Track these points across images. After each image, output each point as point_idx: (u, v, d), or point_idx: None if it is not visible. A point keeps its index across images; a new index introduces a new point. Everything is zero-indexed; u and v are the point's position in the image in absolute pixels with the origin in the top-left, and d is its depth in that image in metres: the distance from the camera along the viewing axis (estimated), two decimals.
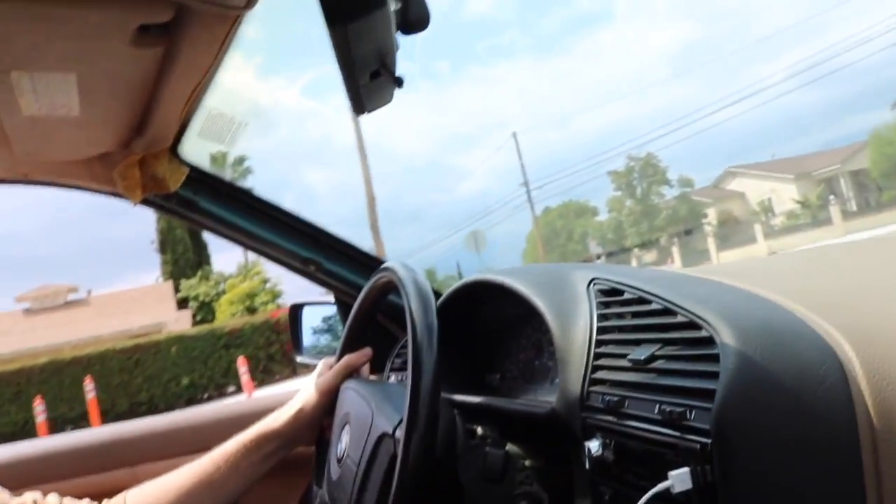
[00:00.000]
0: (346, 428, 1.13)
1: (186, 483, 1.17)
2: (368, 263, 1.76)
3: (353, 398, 1.15)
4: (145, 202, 1.57)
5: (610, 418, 0.89)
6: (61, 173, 1.52)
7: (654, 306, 0.89)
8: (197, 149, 1.53)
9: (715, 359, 0.73)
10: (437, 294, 1.43)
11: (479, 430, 1.17)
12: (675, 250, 35.78)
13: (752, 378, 0.68)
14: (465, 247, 23.17)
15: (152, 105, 1.22)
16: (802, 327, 0.75)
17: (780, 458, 0.66)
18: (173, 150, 1.49)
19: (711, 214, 41.77)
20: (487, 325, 1.44)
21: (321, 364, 1.32)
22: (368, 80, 0.63)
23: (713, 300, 0.82)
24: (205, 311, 32.75)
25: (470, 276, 1.34)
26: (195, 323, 29.87)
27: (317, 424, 1.27)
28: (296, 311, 2.00)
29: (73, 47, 0.95)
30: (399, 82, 0.63)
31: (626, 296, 0.97)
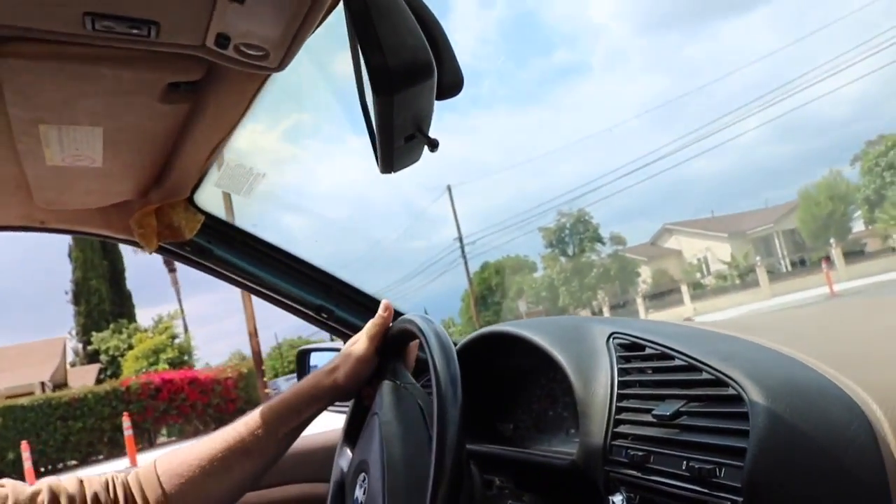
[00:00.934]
0: (364, 477, 1.12)
1: (219, 449, 1.11)
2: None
3: (375, 439, 1.13)
4: (160, 249, 1.58)
5: (634, 473, 0.89)
6: (78, 221, 1.53)
7: (677, 362, 0.90)
8: (212, 196, 1.55)
9: (744, 417, 0.73)
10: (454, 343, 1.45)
11: (497, 480, 1.16)
12: (606, 311, 35.19)
13: (782, 437, 0.69)
14: None
15: (174, 157, 1.23)
16: (828, 385, 0.75)
17: None
18: (190, 199, 1.50)
19: (645, 272, 41.05)
20: (500, 375, 1.44)
21: (367, 331, 1.21)
22: (403, 142, 0.64)
23: (738, 357, 0.83)
24: (115, 366, 31.50)
25: (487, 328, 1.34)
26: (98, 381, 27.74)
27: (356, 390, 1.21)
28: (303, 356, 2.01)
29: (102, 103, 0.97)
30: (434, 145, 0.65)
31: (648, 351, 0.97)
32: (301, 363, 1.99)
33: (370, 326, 1.21)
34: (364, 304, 1.78)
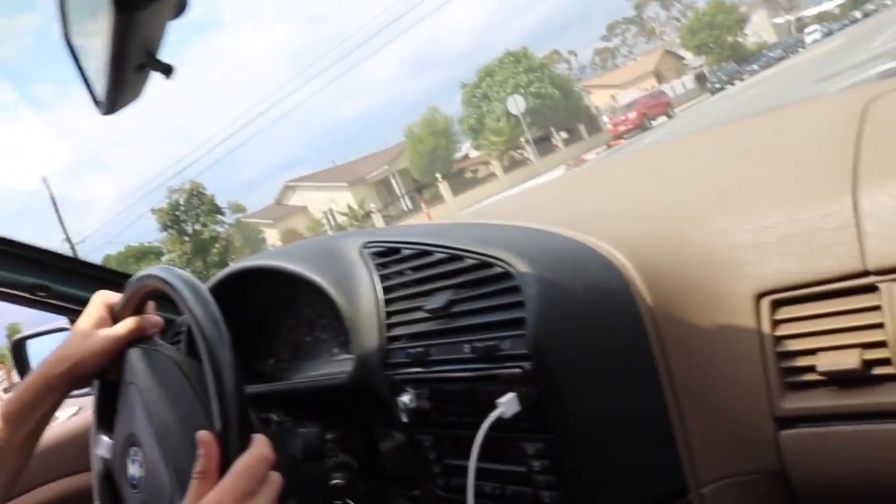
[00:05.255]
0: (135, 451, 1.04)
1: None
2: (107, 278, 1.61)
3: (138, 409, 1.05)
4: None
5: (417, 369, 0.92)
6: None
7: (437, 256, 0.94)
8: None
9: (515, 289, 0.79)
10: None
11: (275, 416, 1.14)
12: None
13: (554, 299, 0.76)
14: None
15: None
16: (579, 246, 0.84)
17: (591, 360, 0.76)
18: None
19: (272, 235, 40.28)
20: (252, 312, 1.39)
21: (98, 300, 1.09)
22: (133, 72, 0.57)
23: (496, 239, 0.89)
24: None
25: (233, 266, 1.29)
26: None
27: (98, 369, 1.07)
28: (19, 344, 1.78)
29: None
30: (169, 71, 0.58)
31: (405, 252, 1.00)
32: (18, 355, 1.76)
33: (99, 294, 1.09)
34: (88, 274, 1.61)
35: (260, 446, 0.80)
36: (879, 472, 0.69)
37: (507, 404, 0.76)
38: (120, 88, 0.61)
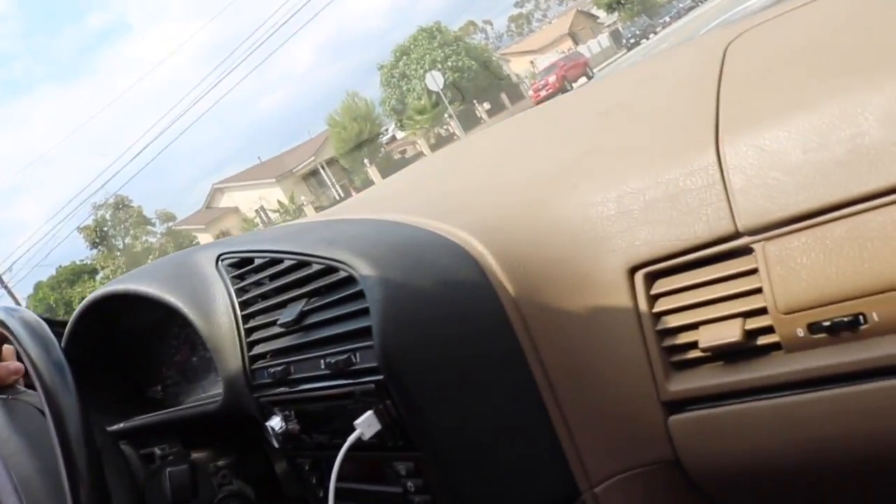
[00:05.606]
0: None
1: None
2: None
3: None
4: None
5: (282, 389, 0.84)
6: None
7: (287, 263, 0.84)
8: None
9: (361, 295, 0.70)
10: (63, 324, 1.25)
11: (158, 450, 1.06)
12: None
13: (400, 301, 0.67)
14: None
15: None
16: (432, 238, 0.75)
17: (450, 366, 0.67)
18: None
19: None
20: (130, 338, 1.29)
21: None
22: None
23: (340, 239, 0.80)
24: None
25: (93, 294, 1.17)
26: None
27: None
28: None
29: None
30: None
31: (258, 261, 0.91)
32: None
33: None
34: None
35: None
36: (775, 450, 0.62)
37: (365, 424, 0.68)
38: None
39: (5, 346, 1.02)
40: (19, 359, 1.02)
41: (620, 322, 0.68)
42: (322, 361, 0.74)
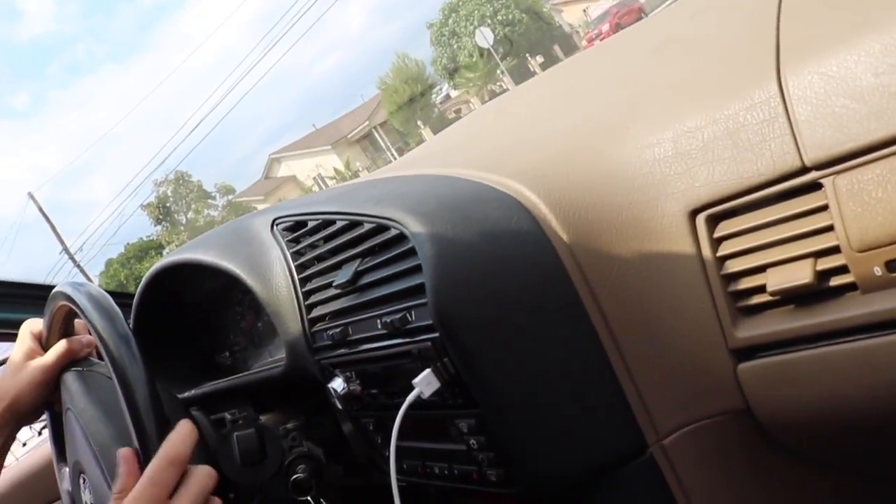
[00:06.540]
0: (84, 479, 0.99)
1: None
2: (40, 293, 1.51)
3: (78, 434, 0.99)
4: None
5: (342, 351, 0.84)
6: None
7: (340, 224, 0.84)
8: None
9: (413, 252, 0.69)
10: (131, 295, 1.29)
11: (228, 415, 1.09)
12: None
13: (453, 256, 0.66)
14: None
15: None
16: (482, 189, 0.73)
17: (507, 320, 0.65)
18: None
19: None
20: (197, 306, 1.32)
21: (25, 331, 1.06)
22: None
23: (390, 197, 0.78)
24: None
25: (156, 265, 1.20)
26: None
27: (42, 401, 1.06)
28: None
29: None
30: None
31: (311, 224, 0.91)
32: None
33: (26, 324, 1.05)
34: (26, 296, 1.52)
35: (167, 447, 0.75)
36: (851, 396, 0.59)
37: (424, 383, 0.67)
38: None
39: (77, 321, 1.05)
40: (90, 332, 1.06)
41: (683, 268, 0.65)
42: (379, 321, 0.74)
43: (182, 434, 0.76)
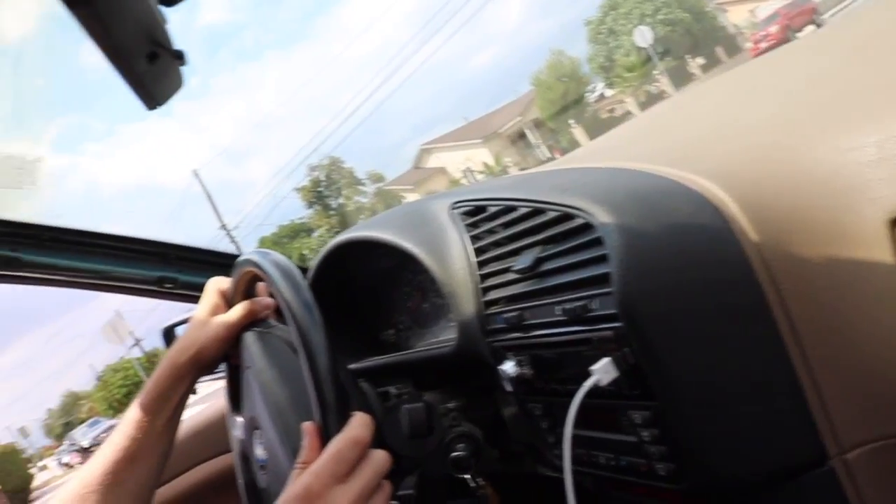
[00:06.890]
0: (259, 434, 1.06)
1: (103, 468, 1.01)
2: (227, 262, 1.65)
3: (255, 392, 1.07)
4: None
5: (516, 335, 0.86)
6: None
7: (521, 211, 0.87)
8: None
9: (598, 242, 0.71)
10: (304, 269, 1.37)
11: (393, 389, 1.13)
12: None
13: (640, 248, 0.67)
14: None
15: None
16: (670, 185, 0.74)
17: (691, 315, 0.66)
18: None
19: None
20: (366, 284, 1.39)
21: (212, 288, 1.11)
22: (147, 64, 0.54)
23: (575, 186, 0.80)
24: None
25: (335, 240, 1.27)
26: None
27: (221, 355, 1.11)
28: (169, 333, 1.88)
29: None
30: (180, 56, 0.55)
31: (491, 209, 0.94)
32: (169, 342, 1.86)
33: (210, 283, 1.11)
34: (209, 262, 1.66)
35: (353, 428, 0.78)
36: None
37: (602, 371, 0.69)
38: (147, 81, 0.59)
39: (259, 284, 1.13)
40: (270, 296, 1.13)
41: (879, 276, 0.63)
42: (557, 308, 0.76)
43: (366, 418, 0.79)
